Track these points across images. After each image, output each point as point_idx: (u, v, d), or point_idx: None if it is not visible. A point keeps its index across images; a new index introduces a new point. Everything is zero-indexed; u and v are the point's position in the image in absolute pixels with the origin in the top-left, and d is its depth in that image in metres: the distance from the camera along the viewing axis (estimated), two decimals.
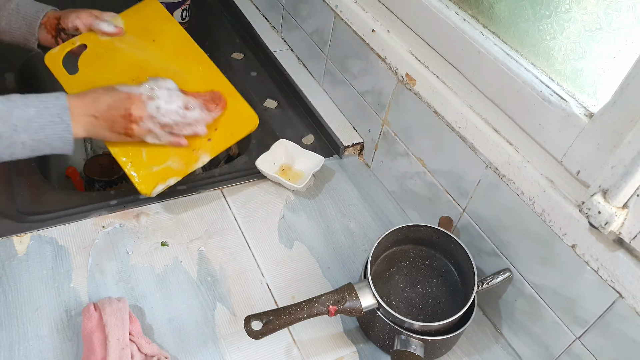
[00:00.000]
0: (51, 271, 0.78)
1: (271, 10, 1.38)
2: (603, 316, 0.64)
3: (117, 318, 0.69)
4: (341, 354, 0.75)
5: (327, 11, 1.10)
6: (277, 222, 0.92)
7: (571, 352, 0.70)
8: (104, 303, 0.71)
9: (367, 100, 1.04)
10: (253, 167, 0.99)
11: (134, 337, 0.70)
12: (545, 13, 0.69)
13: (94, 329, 0.69)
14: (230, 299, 0.79)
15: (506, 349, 0.80)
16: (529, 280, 0.74)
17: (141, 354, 0.69)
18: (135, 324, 0.71)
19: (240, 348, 0.73)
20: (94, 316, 0.70)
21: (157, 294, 0.78)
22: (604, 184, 0.60)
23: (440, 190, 0.88)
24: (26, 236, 0.82)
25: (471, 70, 0.79)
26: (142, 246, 0.84)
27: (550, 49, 0.69)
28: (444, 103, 0.83)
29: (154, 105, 0.79)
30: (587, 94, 0.66)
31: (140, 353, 0.69)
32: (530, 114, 0.70)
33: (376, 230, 0.94)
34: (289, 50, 1.31)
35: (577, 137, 0.64)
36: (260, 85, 1.24)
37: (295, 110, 1.18)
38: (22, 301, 0.74)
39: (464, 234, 0.84)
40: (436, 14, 0.83)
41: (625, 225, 0.59)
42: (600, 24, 0.62)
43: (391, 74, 0.94)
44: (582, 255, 0.64)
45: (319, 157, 1.01)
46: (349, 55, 1.06)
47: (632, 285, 0.59)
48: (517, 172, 0.72)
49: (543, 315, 0.73)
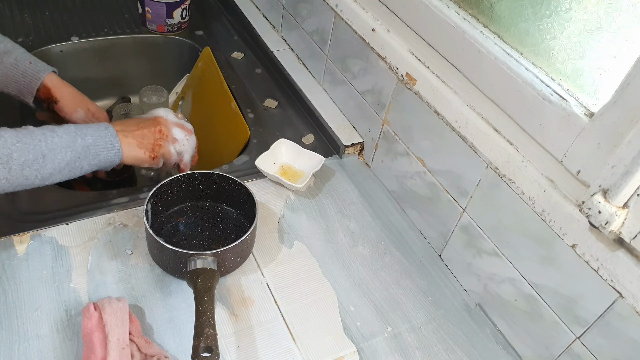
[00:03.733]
0: (51, 271, 0.78)
1: (271, 10, 1.38)
2: (603, 316, 0.64)
3: (117, 318, 0.69)
4: (341, 353, 0.75)
5: (327, 11, 1.09)
6: (277, 221, 0.92)
7: (571, 351, 0.70)
8: (104, 303, 0.71)
9: (367, 99, 1.04)
10: (253, 166, 0.99)
11: (134, 336, 0.70)
12: (545, 12, 0.68)
13: (94, 328, 0.69)
14: (230, 298, 0.79)
15: (506, 348, 0.80)
16: (529, 280, 0.74)
17: (141, 354, 0.69)
18: (135, 323, 0.71)
19: (240, 348, 0.73)
20: (94, 316, 0.70)
21: (157, 294, 0.78)
22: (604, 184, 0.60)
23: (440, 189, 0.88)
24: (26, 236, 0.82)
25: (471, 69, 0.79)
26: (142, 246, 0.84)
27: (550, 49, 0.69)
28: (444, 102, 0.83)
29: (176, 131, 0.91)
30: (588, 93, 0.66)
31: (140, 353, 0.69)
32: (531, 113, 0.70)
33: (376, 230, 0.94)
34: (289, 49, 1.31)
35: (578, 136, 0.64)
36: (260, 85, 1.24)
37: (296, 109, 1.18)
38: (22, 301, 0.74)
39: (464, 233, 0.84)
40: (436, 14, 0.83)
41: (626, 225, 0.59)
42: (600, 24, 0.62)
43: (391, 73, 0.94)
44: (582, 255, 0.64)
45: (319, 157, 1.01)
46: (349, 54, 1.06)
47: (632, 285, 0.59)
48: (517, 171, 0.72)
49: (543, 315, 0.73)
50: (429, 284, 0.87)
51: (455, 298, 0.86)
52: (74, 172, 0.78)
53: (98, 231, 0.85)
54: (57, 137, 0.74)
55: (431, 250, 0.93)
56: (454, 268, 0.89)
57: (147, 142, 0.85)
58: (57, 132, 0.75)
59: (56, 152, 0.74)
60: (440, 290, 0.86)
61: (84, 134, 0.77)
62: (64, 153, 0.75)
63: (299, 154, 1.02)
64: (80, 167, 0.78)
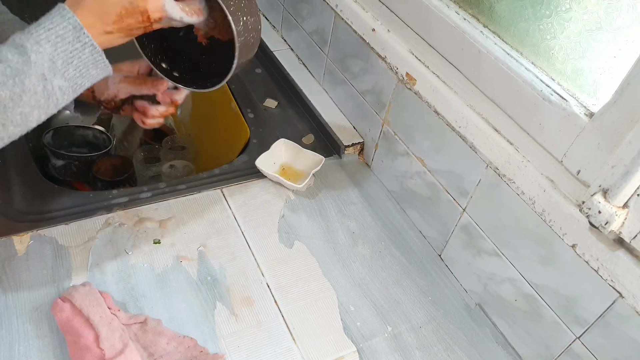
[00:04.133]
0: (51, 271, 0.78)
1: (271, 10, 1.38)
2: (603, 316, 0.64)
3: (91, 299, 0.70)
4: (341, 353, 0.75)
5: (328, 10, 1.09)
6: (277, 221, 0.92)
7: (571, 351, 0.70)
8: (70, 292, 0.71)
9: (367, 99, 1.04)
10: (253, 166, 0.98)
11: (113, 310, 0.71)
12: (545, 12, 0.68)
13: (71, 316, 0.69)
14: (230, 298, 0.79)
15: (506, 348, 0.80)
16: (529, 280, 0.74)
17: (122, 325, 0.70)
18: (107, 298, 0.72)
19: (240, 348, 0.73)
20: (66, 307, 0.70)
21: (157, 294, 0.78)
22: (604, 184, 0.60)
23: (440, 189, 0.88)
24: (26, 236, 0.82)
25: (471, 69, 0.79)
26: (142, 246, 0.84)
27: (550, 49, 0.69)
28: (444, 102, 0.83)
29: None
30: (588, 93, 0.66)
31: (122, 325, 0.70)
32: (531, 113, 0.70)
33: (376, 230, 0.94)
34: (289, 49, 1.31)
35: (578, 136, 0.64)
36: (261, 85, 1.24)
37: (296, 109, 1.18)
38: (22, 300, 0.74)
39: (464, 233, 0.84)
40: (436, 14, 0.83)
41: (626, 225, 0.59)
42: (600, 24, 0.62)
43: (391, 73, 0.94)
44: (582, 255, 0.64)
45: (319, 157, 1.01)
46: (349, 54, 1.06)
47: (632, 284, 0.59)
48: (518, 171, 0.72)
49: (543, 314, 0.73)
50: (429, 283, 0.87)
51: (455, 298, 0.86)
52: (56, 98, 0.60)
53: (98, 231, 0.85)
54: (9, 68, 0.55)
55: (431, 250, 0.93)
56: (454, 268, 0.89)
57: (137, 32, 0.64)
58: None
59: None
60: (440, 290, 0.86)
61: (37, 42, 0.57)
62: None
63: (299, 154, 1.02)
64: (58, 87, 0.59)
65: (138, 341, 0.70)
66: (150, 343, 0.70)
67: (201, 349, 0.71)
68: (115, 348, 0.66)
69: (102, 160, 1.16)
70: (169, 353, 0.70)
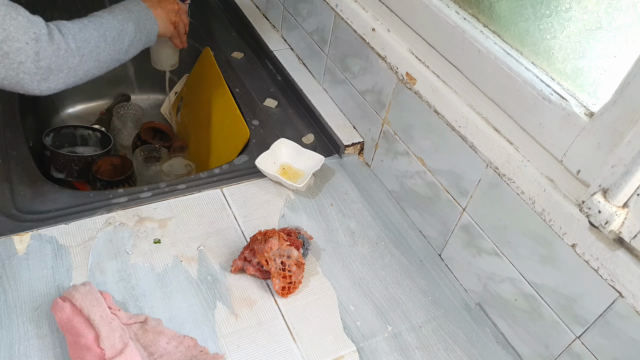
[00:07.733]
0: (51, 270, 0.78)
1: (271, 10, 1.38)
2: (603, 315, 0.64)
3: (91, 298, 0.70)
4: (341, 353, 0.75)
5: (328, 10, 1.09)
6: (277, 221, 0.92)
7: (571, 351, 0.70)
8: (70, 291, 0.71)
9: (367, 99, 1.04)
10: (253, 166, 0.99)
11: (114, 310, 0.71)
12: (545, 12, 0.68)
13: (71, 316, 0.69)
14: (231, 298, 0.79)
15: (506, 348, 0.80)
16: (529, 280, 0.74)
17: (126, 324, 0.70)
18: (108, 298, 0.72)
19: (240, 347, 0.73)
20: (66, 306, 0.70)
21: (157, 293, 0.78)
22: (604, 183, 0.60)
23: (440, 189, 0.88)
24: (26, 235, 0.82)
25: (471, 69, 0.79)
26: (142, 245, 0.84)
27: (550, 48, 0.69)
28: (444, 102, 0.83)
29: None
30: (588, 93, 0.66)
31: (122, 324, 0.70)
32: (531, 113, 0.70)
33: (376, 229, 0.94)
34: (289, 49, 1.31)
35: (578, 136, 0.64)
36: (261, 85, 1.24)
37: (296, 109, 1.18)
38: (23, 300, 0.74)
39: (464, 233, 0.84)
40: (436, 13, 0.83)
41: (626, 225, 0.59)
42: (600, 23, 0.62)
43: (391, 73, 0.94)
44: (582, 255, 0.64)
45: (319, 157, 1.01)
46: (349, 54, 1.06)
47: (632, 284, 0.59)
48: (517, 171, 0.72)
49: (543, 314, 0.73)
50: (428, 283, 0.87)
51: (455, 297, 0.86)
52: (129, 44, 0.91)
53: (98, 230, 0.85)
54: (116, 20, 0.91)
55: (431, 249, 0.93)
56: (454, 267, 0.89)
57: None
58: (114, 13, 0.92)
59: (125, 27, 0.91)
60: (440, 290, 0.86)
61: (114, 15, 0.92)
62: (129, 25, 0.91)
63: (299, 154, 1.02)
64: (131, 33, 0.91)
65: (138, 341, 0.70)
66: (150, 342, 0.70)
67: (201, 348, 0.71)
68: (115, 348, 0.66)
69: (102, 160, 1.16)
70: (169, 352, 0.70)
